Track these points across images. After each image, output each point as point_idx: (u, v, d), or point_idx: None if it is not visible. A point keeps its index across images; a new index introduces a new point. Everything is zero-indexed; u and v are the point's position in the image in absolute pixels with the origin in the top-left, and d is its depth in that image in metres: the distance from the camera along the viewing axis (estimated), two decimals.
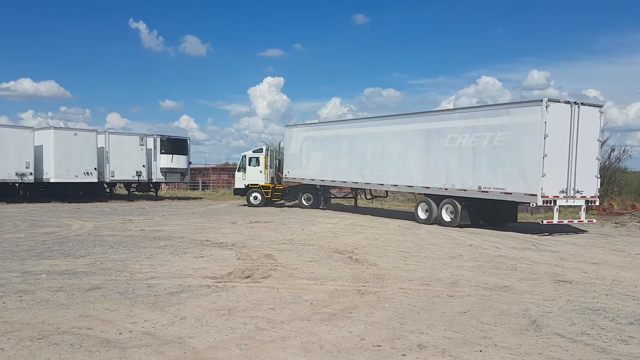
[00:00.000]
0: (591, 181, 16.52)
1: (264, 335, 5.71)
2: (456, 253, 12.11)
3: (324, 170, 24.89)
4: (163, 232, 15.13)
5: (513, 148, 16.29)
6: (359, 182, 23.12)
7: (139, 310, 6.60)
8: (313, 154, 25.62)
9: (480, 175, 17.29)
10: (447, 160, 18.46)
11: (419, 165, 19.60)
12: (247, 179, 27.26)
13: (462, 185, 17.90)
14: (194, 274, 9.02)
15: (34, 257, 10.35)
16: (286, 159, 27.42)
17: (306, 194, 27.16)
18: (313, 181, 25.92)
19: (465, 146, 17.82)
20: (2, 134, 26.52)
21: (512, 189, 16.32)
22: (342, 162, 23.76)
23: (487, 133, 17.08)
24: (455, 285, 8.54)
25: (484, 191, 17.18)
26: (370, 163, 22.11)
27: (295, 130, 27.21)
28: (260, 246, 12.46)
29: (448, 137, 18.43)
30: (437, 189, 18.80)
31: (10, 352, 5.02)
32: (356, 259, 10.75)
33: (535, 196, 15.57)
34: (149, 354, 5.09)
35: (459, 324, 6.33)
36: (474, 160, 17.56)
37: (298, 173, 26.57)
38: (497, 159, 16.81)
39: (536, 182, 15.55)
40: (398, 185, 21.06)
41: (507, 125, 16.48)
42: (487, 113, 17.50)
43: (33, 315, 6.26)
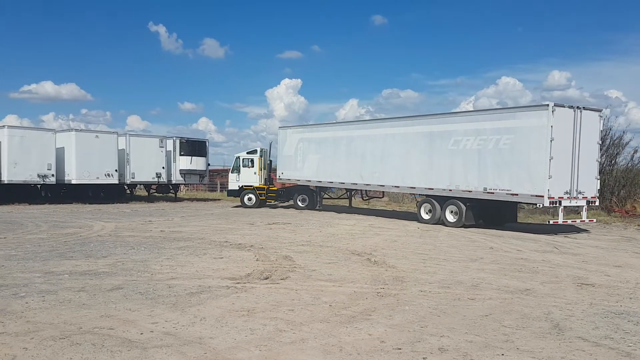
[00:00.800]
0: (592, 182, 17.15)
1: (283, 337, 5.70)
2: (477, 256, 11.99)
3: (320, 171, 25.04)
4: (182, 233, 15.24)
5: (519, 150, 16.73)
6: (358, 183, 23.52)
7: (160, 310, 6.64)
8: (309, 155, 25.69)
9: (486, 177, 17.69)
10: (451, 162, 18.86)
11: (421, 167, 19.95)
12: (241, 181, 27.22)
13: (467, 187, 18.29)
14: (214, 274, 9.06)
15: (56, 258, 10.49)
16: (280, 160, 27.38)
17: (301, 195, 27.13)
18: (309, 182, 26.06)
19: (470, 148, 18.23)
20: (24, 136, 26.97)
21: (518, 190, 16.75)
22: (341, 163, 23.95)
23: (492, 136, 17.53)
24: (476, 288, 8.45)
25: (490, 192, 17.58)
26: (370, 164, 22.43)
27: (290, 132, 27.21)
28: (279, 247, 12.47)
29: (452, 139, 18.84)
30: (440, 190, 19.17)
31: (33, 351, 5.08)
32: (375, 261, 10.70)
33: (542, 197, 16.00)
34: (170, 354, 5.11)
35: (480, 327, 6.26)
36: (479, 162, 17.97)
37: (293, 174, 26.56)
38: (502, 161, 17.24)
39: (543, 183, 16.01)
40: (400, 186, 21.34)
41: (513, 129, 16.93)
42: (492, 117, 17.94)
43: (55, 315, 6.34)
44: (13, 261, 9.97)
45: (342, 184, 24.43)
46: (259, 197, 27.00)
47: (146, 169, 30.20)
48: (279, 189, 27.60)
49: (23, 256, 10.60)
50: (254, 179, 27.16)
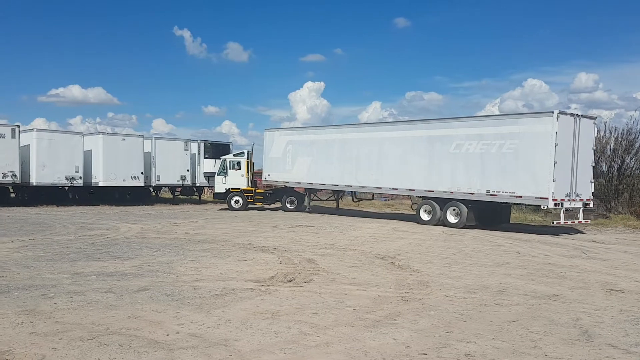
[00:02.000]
0: (587, 185, 18.24)
1: (308, 340, 5.69)
2: (503, 260, 11.82)
3: (311, 173, 25.15)
4: (207, 235, 15.36)
5: (523, 155, 17.54)
6: (353, 185, 23.95)
7: (186, 312, 6.69)
8: (299, 157, 25.74)
9: (489, 180, 18.44)
10: (452, 165, 19.55)
11: (421, 170, 20.54)
12: (227, 183, 26.95)
13: (469, 189, 18.98)
14: (238, 277, 9.10)
15: (83, 259, 10.66)
16: (266, 162, 27.34)
17: (290, 197, 27.13)
18: (299, 184, 26.15)
19: (473, 152, 18.96)
20: (52, 139, 27.54)
21: (522, 193, 17.56)
22: (334, 165, 24.11)
23: (495, 141, 18.31)
24: (503, 293, 8.32)
25: (493, 194, 18.35)
26: (366, 167, 22.74)
27: (277, 134, 27.27)
28: (302, 250, 12.48)
29: (453, 143, 19.54)
30: (441, 192, 19.83)
31: (62, 351, 5.16)
32: (399, 265, 10.63)
33: (547, 199, 16.89)
34: (196, 355, 5.15)
35: (507, 333, 6.16)
36: (482, 166, 18.69)
37: (281, 176, 26.58)
38: (506, 164, 18.02)
39: (547, 186, 16.86)
40: (398, 188, 21.92)
41: (516, 134, 17.76)
42: (495, 122, 18.83)
43: (83, 315, 6.43)
44: (42, 262, 10.16)
45: (336, 185, 24.77)
46: (247, 200, 26.86)
47: (171, 172, 30.57)
48: (266, 191, 27.54)
49: (51, 257, 10.80)
50: (242, 182, 26.91)
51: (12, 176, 25.92)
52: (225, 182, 26.97)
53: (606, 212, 24.73)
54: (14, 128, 26.58)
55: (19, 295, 7.34)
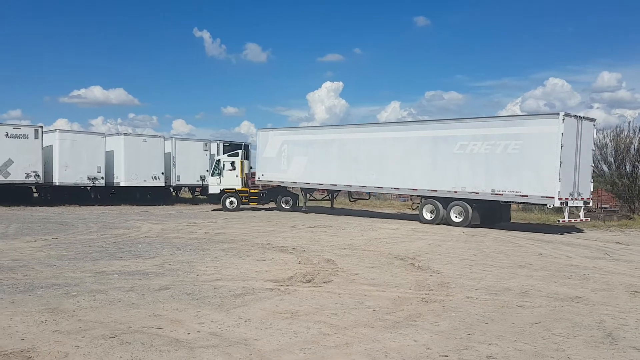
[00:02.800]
0: (587, 185, 18.75)
1: (327, 341, 5.68)
2: (525, 262, 11.67)
3: (308, 173, 25.14)
4: (226, 235, 15.45)
5: (529, 155, 17.89)
6: (353, 185, 24.04)
7: (206, 311, 6.73)
8: (295, 157, 25.71)
9: (494, 179, 18.74)
10: (456, 165, 19.78)
11: (424, 170, 20.76)
12: (222, 184, 26.54)
13: (474, 188, 19.28)
14: (257, 276, 9.13)
15: (105, 258, 10.80)
16: (260, 162, 27.26)
17: (285, 197, 27.03)
18: (295, 184, 26.15)
19: (478, 152, 19.27)
20: (75, 140, 27.97)
21: (528, 192, 17.94)
22: (333, 165, 24.14)
23: (501, 141, 18.64)
24: (525, 295, 8.22)
25: (498, 194, 18.69)
26: (366, 167, 22.82)
27: (272, 134, 27.18)
28: (321, 251, 12.48)
29: (457, 144, 19.81)
30: (445, 191, 20.07)
31: (85, 349, 5.22)
32: (419, 266, 10.56)
33: (553, 198, 17.31)
34: (216, 354, 5.17)
35: (529, 335, 6.08)
36: (486, 166, 18.99)
37: (276, 176, 26.48)
38: (511, 164, 18.32)
39: (553, 186, 17.27)
40: (399, 188, 22.13)
41: (522, 135, 18.13)
42: (500, 123, 19.25)
43: (106, 314, 6.51)
44: (64, 261, 10.31)
45: (334, 185, 24.82)
46: (242, 200, 26.58)
47: (191, 172, 30.84)
48: (260, 191, 27.19)
49: (74, 256, 10.96)
50: (236, 182, 26.62)
51: (35, 176, 26.39)
52: (220, 182, 26.62)
53: (630, 213, 24.32)
54: (37, 129, 27.05)
55: (42, 294, 7.45)
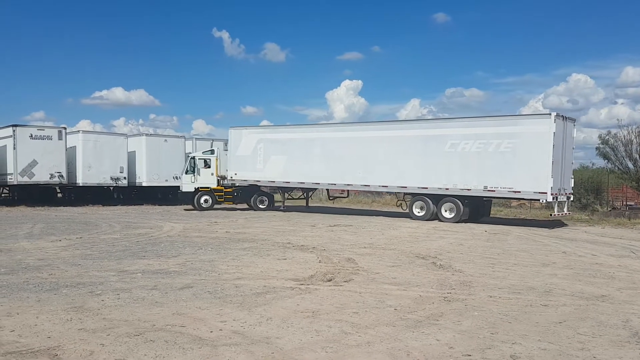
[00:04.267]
0: (569, 181, 20.13)
1: (349, 339, 5.67)
2: (548, 260, 11.51)
3: (288, 172, 25.03)
4: (246, 234, 15.53)
5: (522, 153, 18.86)
6: (338, 184, 24.31)
7: (228, 309, 6.78)
8: (272, 156, 25.53)
9: (487, 176, 19.61)
10: (448, 163, 20.53)
11: (414, 168, 21.34)
12: (197, 182, 25.81)
13: (466, 185, 20.13)
14: (278, 275, 9.16)
15: (129, 257, 10.93)
16: (232, 160, 26.76)
17: (261, 196, 26.67)
18: (273, 183, 25.97)
19: (469, 151, 20.07)
20: (97, 141, 28.39)
21: (520, 188, 18.99)
22: (315, 164, 24.12)
23: (493, 140, 19.52)
24: (549, 294, 8.10)
25: (491, 190, 19.67)
26: (352, 165, 22.98)
27: (246, 132, 26.88)
28: (341, 250, 12.46)
29: (448, 142, 20.54)
30: (436, 188, 20.83)
31: (109, 347, 5.29)
32: (440, 265, 10.48)
33: (546, 194, 18.37)
34: (239, 352, 5.20)
35: (554, 334, 5.99)
36: (479, 163, 19.83)
37: (251, 175, 26.20)
38: (504, 162, 19.26)
39: (546, 182, 18.31)
40: (388, 186, 22.62)
41: (515, 134, 19.10)
42: (493, 123, 20.11)
43: (130, 312, 6.59)
44: (89, 260, 10.47)
45: (317, 184, 24.95)
46: (217, 199, 26.09)
47: None
48: (234, 190, 26.75)
49: (98, 255, 11.12)
50: (211, 180, 26.05)
51: (59, 177, 26.85)
52: (195, 180, 25.84)
53: None
54: (60, 130, 27.51)
55: (67, 293, 7.57)
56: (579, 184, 29.31)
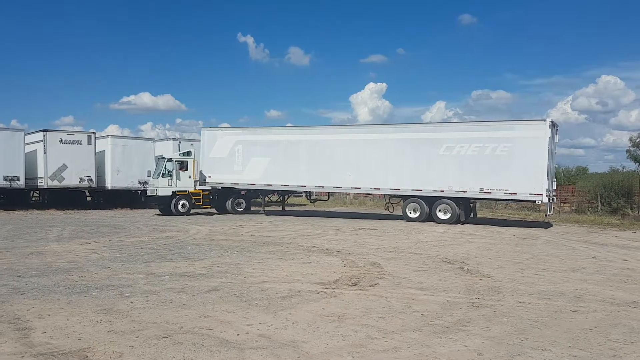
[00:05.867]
0: (554, 183, 20.90)
1: (375, 345, 5.63)
2: (578, 265, 11.29)
3: (270, 174, 24.56)
4: (271, 237, 15.59)
5: (518, 156, 19.57)
6: (325, 186, 24.21)
7: (254, 312, 6.80)
8: (253, 158, 24.93)
9: (483, 179, 20.16)
10: (442, 166, 20.95)
11: (408, 171, 21.64)
12: (174, 185, 24.60)
13: (462, 187, 20.59)
14: (303, 279, 9.16)
15: (157, 260, 11.07)
16: (206, 162, 25.68)
17: (237, 199, 26.02)
18: (253, 186, 25.37)
19: (465, 154, 20.54)
20: (126, 145, 28.86)
21: (516, 190, 19.68)
22: (301, 166, 23.86)
23: (489, 144, 20.08)
24: (579, 299, 7.94)
25: (487, 192, 20.24)
26: (341, 168, 22.90)
27: (221, 133, 26.29)
28: (366, 253, 12.41)
29: (443, 146, 20.95)
30: (431, 191, 21.25)
31: (138, 349, 5.35)
32: (468, 270, 10.35)
33: (541, 195, 19.20)
34: (265, 356, 5.21)
35: (584, 341, 5.87)
36: (474, 166, 20.31)
37: (227, 177, 25.42)
38: (499, 165, 19.87)
39: (542, 183, 19.17)
40: (380, 188, 22.79)
41: (510, 138, 19.80)
42: (488, 127, 20.83)
43: (158, 314, 6.66)
44: (118, 263, 10.63)
45: (303, 187, 24.75)
46: (195, 203, 25.10)
47: None
48: (210, 194, 25.79)
49: (127, 258, 11.28)
50: (189, 184, 25.00)
51: (88, 181, 27.36)
52: (172, 184, 24.59)
53: None
54: (90, 135, 28.05)
55: (97, 295, 7.70)
56: (609, 187, 28.66)
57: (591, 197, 30.46)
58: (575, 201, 32.57)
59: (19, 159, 25.94)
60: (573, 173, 48.60)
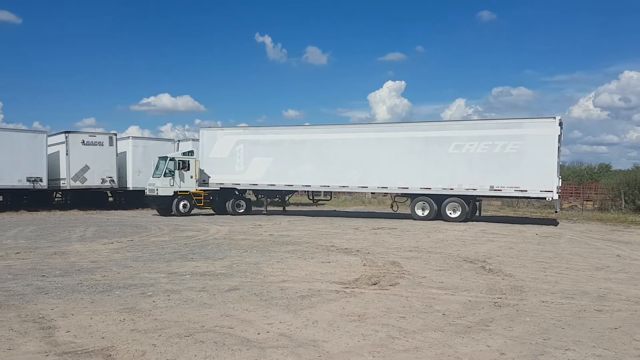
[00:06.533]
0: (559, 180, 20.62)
1: (396, 344, 5.61)
2: (602, 264, 11.11)
3: (273, 174, 24.29)
4: (290, 237, 15.62)
5: (528, 154, 19.78)
6: (331, 186, 24.04)
7: (274, 312, 6.82)
8: (255, 158, 24.67)
9: (493, 177, 20.38)
10: (452, 164, 21.07)
11: (416, 169, 21.65)
12: (176, 186, 24.24)
13: (471, 185, 20.80)
14: (322, 278, 9.16)
15: (178, 259, 11.17)
16: (205, 163, 25.47)
17: (238, 200, 25.54)
18: (256, 186, 25.11)
19: (474, 152, 20.71)
20: (147, 146, 29.20)
21: (527, 187, 19.93)
22: (306, 166, 23.61)
23: (498, 142, 20.30)
24: (604, 298, 7.81)
25: (497, 189, 20.50)
26: (348, 167, 22.77)
27: (221, 133, 25.92)
28: (385, 253, 12.36)
29: (452, 144, 21.08)
30: (440, 189, 21.36)
31: (161, 348, 5.40)
32: (490, 269, 10.25)
33: (552, 192, 19.56)
34: (286, 355, 5.22)
35: (609, 340, 5.77)
36: (484, 164, 20.52)
37: (228, 178, 25.17)
38: (509, 163, 20.10)
39: (552, 180, 19.50)
40: (388, 187, 22.70)
41: (520, 136, 20.03)
42: (499, 125, 20.96)
43: (180, 313, 6.71)
44: (140, 262, 10.75)
45: (307, 186, 24.46)
46: (196, 204, 24.67)
47: None
48: (210, 194, 25.36)
49: (149, 257, 11.40)
50: (191, 184, 24.69)
51: (110, 181, 27.73)
52: (174, 184, 24.22)
53: None
54: (111, 136, 28.42)
55: (120, 294, 7.79)
56: (633, 185, 28.18)
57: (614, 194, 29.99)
58: (598, 199, 32.10)
59: (42, 160, 26.39)
60: (596, 171, 47.90)
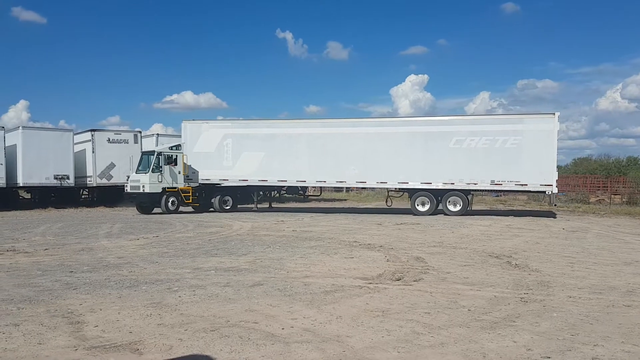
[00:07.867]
0: None
1: (421, 340, 5.58)
2: (631, 259, 10.88)
3: (264, 169, 23.58)
4: (313, 232, 15.65)
5: (528, 149, 20.29)
6: (327, 181, 23.89)
7: (298, 307, 6.85)
8: (245, 152, 23.92)
9: (494, 171, 20.73)
10: (453, 159, 21.25)
11: (417, 164, 21.78)
12: (164, 182, 23.12)
13: (472, 180, 21.08)
14: (346, 274, 9.15)
15: (202, 255, 11.29)
16: (190, 158, 24.44)
17: (225, 196, 24.71)
18: (246, 182, 24.22)
19: (475, 147, 20.96)
20: (171, 143, 29.43)
21: (527, 181, 20.50)
22: (301, 161, 23.16)
23: (499, 137, 20.64)
24: (633, 294, 7.65)
25: (498, 184, 20.95)
26: (345, 162, 22.51)
27: (206, 127, 24.84)
28: (409, 248, 12.31)
29: (453, 139, 21.25)
30: (441, 184, 21.54)
31: (187, 342, 5.46)
32: (516, 264, 10.12)
33: (552, 185, 20.16)
34: (311, 349, 5.24)
35: (638, 336, 5.65)
36: (485, 159, 20.81)
37: (215, 173, 24.39)
38: (510, 157, 20.53)
39: (552, 175, 20.11)
40: (387, 182, 22.71)
41: (521, 131, 20.53)
42: (498, 120, 21.80)
43: (205, 308, 6.79)
44: (165, 258, 10.89)
45: (302, 182, 24.06)
46: (184, 201, 23.63)
47: None
48: (197, 191, 24.48)
49: (174, 253, 11.55)
50: (179, 180, 23.65)
51: None
52: (162, 180, 23.05)
53: None
54: (136, 134, 28.83)
55: (146, 289, 7.90)
56: None
57: None
58: (626, 192, 31.46)
59: (69, 158, 26.91)
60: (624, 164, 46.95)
